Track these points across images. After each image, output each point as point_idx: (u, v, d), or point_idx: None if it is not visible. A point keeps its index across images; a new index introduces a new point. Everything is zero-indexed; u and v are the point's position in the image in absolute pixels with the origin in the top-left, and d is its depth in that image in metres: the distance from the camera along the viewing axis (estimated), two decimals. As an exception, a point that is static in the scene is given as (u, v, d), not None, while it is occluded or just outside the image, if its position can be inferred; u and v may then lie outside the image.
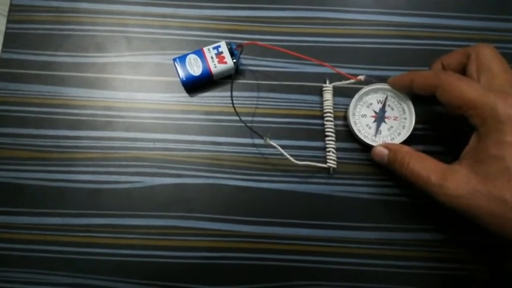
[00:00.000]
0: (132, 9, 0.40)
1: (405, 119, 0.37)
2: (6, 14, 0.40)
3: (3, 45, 0.39)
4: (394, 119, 0.37)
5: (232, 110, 0.37)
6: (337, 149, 0.37)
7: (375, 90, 0.37)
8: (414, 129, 0.36)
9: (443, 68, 0.35)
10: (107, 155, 0.37)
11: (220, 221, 0.36)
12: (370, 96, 0.37)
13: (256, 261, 0.36)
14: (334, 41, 0.40)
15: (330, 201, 0.37)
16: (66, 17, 0.40)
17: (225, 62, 0.37)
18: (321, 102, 0.38)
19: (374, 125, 0.37)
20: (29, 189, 0.37)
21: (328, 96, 0.38)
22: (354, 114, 0.37)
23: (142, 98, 0.39)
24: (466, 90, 0.29)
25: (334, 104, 0.38)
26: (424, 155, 0.32)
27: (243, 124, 0.37)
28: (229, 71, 0.38)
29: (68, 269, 0.35)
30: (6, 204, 0.36)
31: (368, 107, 0.37)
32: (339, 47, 0.40)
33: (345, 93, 0.39)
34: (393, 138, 0.36)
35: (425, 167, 0.31)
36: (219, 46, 0.37)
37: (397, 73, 0.39)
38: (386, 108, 0.37)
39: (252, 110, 0.38)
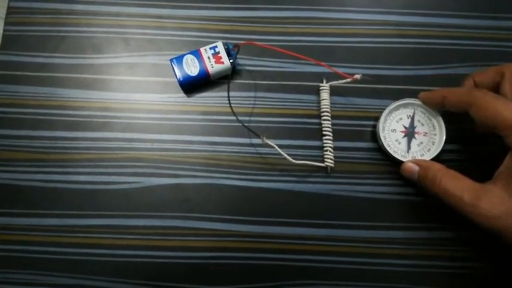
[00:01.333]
0: (129, 11, 0.41)
1: (435, 135, 0.36)
2: (3, 16, 0.41)
3: (1, 47, 0.39)
4: (424, 135, 0.36)
5: (229, 109, 0.37)
6: (335, 148, 0.37)
7: (405, 105, 0.37)
8: (444, 146, 0.35)
9: (475, 85, 0.35)
10: (105, 155, 0.37)
11: (219, 220, 0.36)
12: (400, 111, 0.37)
13: (254, 261, 0.36)
14: (331, 41, 0.40)
15: (327, 200, 0.37)
16: (63, 18, 0.40)
17: (222, 62, 0.37)
18: (318, 102, 0.39)
19: (403, 140, 0.36)
20: (26, 191, 0.37)
21: (325, 95, 0.38)
22: (383, 129, 0.37)
23: (139, 98, 0.39)
24: (501, 109, 0.29)
25: (331, 103, 0.38)
26: (456, 173, 0.32)
27: (240, 124, 0.37)
28: (226, 71, 0.38)
29: (66, 270, 0.35)
30: (4, 206, 0.36)
31: (398, 121, 0.37)
32: (336, 46, 0.40)
33: (342, 93, 0.39)
34: (422, 155, 0.36)
35: (458, 186, 0.31)
36: (216, 46, 0.37)
37: (394, 72, 0.39)
38: (416, 123, 0.37)
39: (250, 110, 0.39)
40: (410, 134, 0.37)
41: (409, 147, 0.36)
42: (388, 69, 0.39)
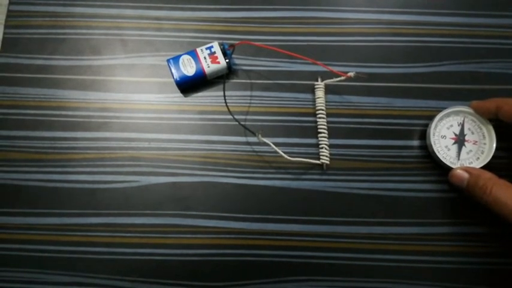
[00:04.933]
0: (126, 13, 0.41)
1: (485, 144, 0.36)
2: (3, 22, 0.41)
3: (1, 50, 0.40)
4: (474, 143, 0.37)
5: (225, 109, 0.37)
6: (330, 146, 0.38)
7: (456, 113, 0.37)
8: (494, 155, 0.35)
9: None
10: (103, 155, 0.38)
11: (216, 218, 0.37)
12: (450, 118, 0.37)
13: (251, 258, 0.36)
14: (325, 40, 0.41)
15: (323, 197, 0.37)
16: (61, 21, 0.41)
17: (218, 62, 0.38)
18: (313, 100, 0.39)
19: (453, 147, 0.36)
20: (26, 190, 0.37)
21: (320, 93, 0.38)
22: (433, 134, 0.37)
23: (137, 98, 0.39)
24: None
25: (326, 101, 0.39)
26: (508, 183, 0.31)
27: (236, 123, 0.38)
28: (222, 70, 0.38)
29: (65, 268, 0.36)
30: (4, 205, 0.37)
31: (448, 128, 0.37)
32: (330, 45, 0.40)
33: (337, 91, 0.39)
34: (471, 163, 0.36)
35: (509, 196, 0.30)
36: (212, 46, 0.38)
37: (387, 70, 0.40)
38: (466, 131, 0.37)
39: (246, 109, 0.39)
40: (461, 142, 0.37)
41: (458, 155, 0.36)
42: (382, 67, 0.40)
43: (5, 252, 0.36)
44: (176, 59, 0.38)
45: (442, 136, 0.37)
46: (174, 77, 0.38)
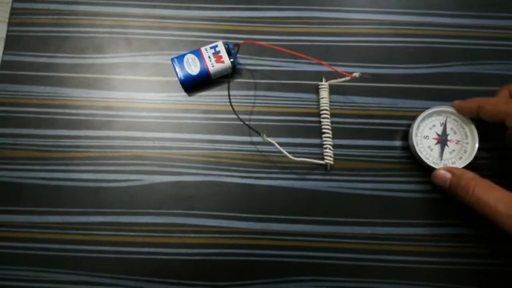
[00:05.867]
0: (130, 11, 0.41)
1: (467, 143, 0.36)
2: (6, 20, 0.41)
3: (5, 48, 0.40)
4: (456, 143, 0.37)
5: (229, 108, 0.37)
6: (334, 146, 0.38)
7: (439, 113, 0.37)
8: (476, 155, 0.35)
9: (511, 96, 0.35)
10: (107, 153, 0.38)
11: (220, 217, 0.37)
12: (433, 118, 0.37)
13: (254, 257, 0.36)
14: (329, 40, 0.41)
15: (327, 197, 0.37)
16: (65, 19, 0.41)
17: (223, 61, 0.38)
18: (318, 100, 0.39)
19: (436, 147, 0.37)
20: (29, 189, 0.37)
21: (324, 94, 0.38)
22: (416, 135, 0.37)
23: (140, 97, 0.39)
24: None
25: (330, 101, 0.39)
26: (490, 182, 0.31)
27: (240, 122, 0.38)
28: (226, 70, 0.38)
29: (69, 267, 0.36)
30: (7, 204, 0.37)
31: (431, 128, 0.37)
32: (334, 45, 0.41)
33: (341, 92, 0.39)
34: (454, 163, 0.36)
35: (492, 195, 0.30)
36: (217, 46, 0.38)
37: (390, 70, 0.40)
38: (449, 131, 0.37)
39: (250, 109, 0.39)
40: (443, 142, 0.37)
41: (441, 155, 0.36)
42: (385, 67, 0.40)
43: (8, 250, 0.36)
44: (180, 58, 0.38)
45: (424, 137, 0.37)
46: (179, 76, 0.38)
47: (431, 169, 0.36)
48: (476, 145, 0.36)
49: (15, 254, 0.36)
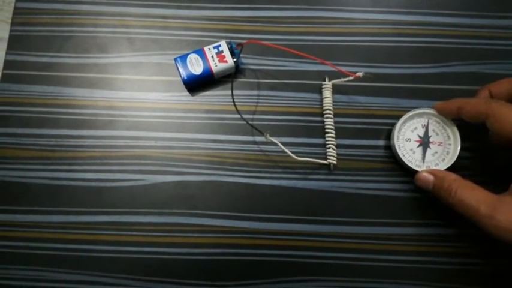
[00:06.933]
0: (134, 11, 0.41)
1: (450, 144, 0.36)
2: (9, 21, 0.41)
3: (8, 47, 0.40)
4: (439, 145, 0.36)
5: (232, 108, 0.37)
6: (337, 146, 0.38)
7: (420, 115, 0.37)
8: (459, 155, 0.35)
9: (491, 96, 0.35)
10: (110, 153, 0.38)
11: (222, 217, 0.37)
12: (414, 120, 0.37)
13: (257, 257, 0.36)
14: (332, 40, 0.41)
15: (330, 197, 0.37)
16: (68, 19, 0.41)
17: (226, 61, 0.38)
18: (321, 100, 0.39)
19: (418, 150, 0.36)
20: (32, 188, 0.37)
21: (327, 93, 0.38)
22: (398, 138, 0.37)
23: (144, 97, 0.39)
24: None
25: (333, 101, 0.39)
26: (472, 184, 0.31)
27: (243, 122, 0.38)
28: (229, 69, 0.38)
29: (71, 266, 0.36)
30: (10, 203, 0.37)
31: (412, 131, 0.37)
32: (336, 45, 0.40)
33: (344, 91, 0.39)
34: (437, 164, 0.36)
35: (474, 197, 0.30)
36: (220, 45, 0.38)
37: (393, 70, 0.40)
38: (431, 133, 0.37)
39: (253, 108, 0.39)
40: (425, 144, 0.37)
41: (424, 157, 0.36)
42: (387, 67, 0.40)
43: (10, 250, 0.36)
44: (184, 58, 0.38)
45: (407, 139, 0.37)
46: (182, 76, 0.37)
47: (414, 172, 0.36)
48: (459, 146, 0.36)
49: (18, 253, 0.36)
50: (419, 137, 0.37)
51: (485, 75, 0.40)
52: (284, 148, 0.35)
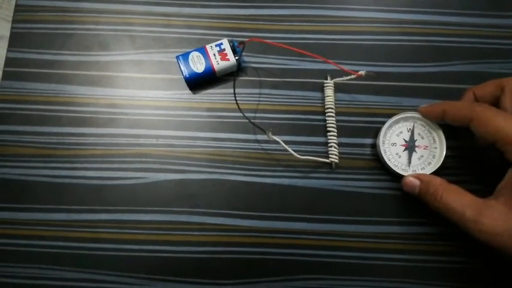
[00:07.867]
0: (136, 9, 0.41)
1: (435, 148, 0.36)
2: (10, 19, 0.41)
3: (9, 45, 0.40)
4: (424, 148, 0.36)
5: (234, 106, 0.37)
6: (339, 144, 0.38)
7: (405, 119, 0.37)
8: (445, 159, 0.35)
9: (475, 99, 0.35)
10: (111, 151, 0.38)
11: (223, 215, 0.37)
12: (400, 125, 0.37)
13: (258, 255, 0.36)
14: (334, 38, 0.41)
15: (331, 196, 0.37)
16: (69, 16, 0.41)
17: (228, 59, 0.38)
18: (323, 98, 0.39)
19: (404, 154, 0.36)
20: (33, 186, 0.37)
21: (329, 92, 0.38)
22: (383, 143, 0.37)
23: (145, 95, 0.39)
24: (501, 125, 0.29)
25: (335, 100, 0.39)
26: (457, 188, 0.31)
27: (245, 120, 0.38)
28: (231, 68, 0.38)
29: (72, 264, 0.36)
30: (11, 201, 0.37)
31: (398, 135, 0.37)
32: (339, 44, 0.40)
33: (346, 90, 0.39)
34: (423, 168, 0.36)
35: (459, 201, 0.30)
36: (222, 43, 0.38)
37: (396, 69, 0.40)
38: (416, 137, 0.37)
39: (254, 107, 0.39)
40: (411, 148, 0.36)
41: (409, 161, 0.36)
42: (389, 66, 0.40)
43: (11, 247, 0.36)
44: (185, 56, 0.38)
45: (392, 144, 0.37)
46: (184, 74, 0.37)
47: (400, 176, 0.36)
48: (444, 149, 0.35)
49: (19, 251, 0.36)
50: (405, 141, 0.37)
51: (487, 74, 0.40)
52: (286, 146, 0.35)
